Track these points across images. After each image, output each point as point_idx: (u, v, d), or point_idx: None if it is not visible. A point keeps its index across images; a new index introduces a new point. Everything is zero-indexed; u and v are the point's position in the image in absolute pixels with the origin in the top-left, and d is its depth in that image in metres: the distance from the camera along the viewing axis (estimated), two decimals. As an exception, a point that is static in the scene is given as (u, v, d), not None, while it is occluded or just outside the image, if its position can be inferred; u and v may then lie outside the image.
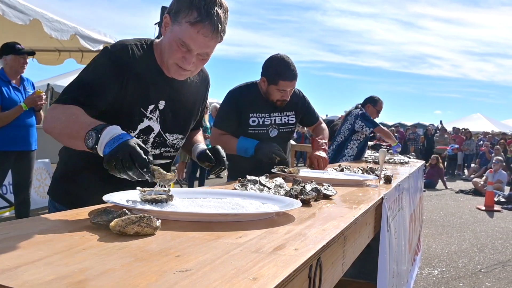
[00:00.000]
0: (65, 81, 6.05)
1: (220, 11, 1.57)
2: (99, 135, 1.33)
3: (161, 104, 1.72)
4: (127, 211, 0.99)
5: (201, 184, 9.11)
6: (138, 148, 1.28)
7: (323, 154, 2.82)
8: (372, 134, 5.64)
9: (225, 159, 1.87)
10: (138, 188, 1.24)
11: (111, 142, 1.30)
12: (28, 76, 4.67)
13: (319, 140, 2.93)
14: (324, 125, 3.21)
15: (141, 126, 1.69)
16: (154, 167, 1.29)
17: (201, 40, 1.56)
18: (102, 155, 1.32)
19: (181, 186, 9.21)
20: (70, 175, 1.81)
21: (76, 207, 1.28)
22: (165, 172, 1.30)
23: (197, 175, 9.19)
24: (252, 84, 2.91)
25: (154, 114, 1.71)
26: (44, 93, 4.51)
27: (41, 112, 4.59)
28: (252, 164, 2.60)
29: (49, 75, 12.93)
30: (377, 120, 5.45)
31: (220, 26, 1.56)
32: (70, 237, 0.91)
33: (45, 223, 1.02)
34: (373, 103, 5.45)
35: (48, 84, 12.02)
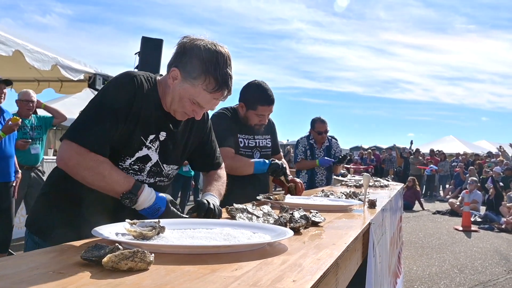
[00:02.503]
0: (43, 111, 5.98)
1: (231, 72, 1.66)
2: (137, 199, 1.58)
3: (162, 136, 1.75)
4: (119, 246, 0.96)
5: (183, 210, 8.99)
6: (176, 213, 1.64)
7: (298, 179, 2.87)
8: (349, 157, 5.63)
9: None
10: (127, 220, 1.22)
11: (151, 210, 1.60)
12: (6, 106, 4.63)
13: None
14: (283, 160, 3.26)
15: (139, 154, 1.71)
16: None
17: (217, 102, 1.69)
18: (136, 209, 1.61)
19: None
20: (54, 210, 1.76)
21: (57, 242, 1.25)
22: None
23: (177, 201, 9.07)
24: (232, 108, 2.98)
25: (154, 144, 1.73)
26: (20, 120, 4.45)
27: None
28: (237, 192, 2.59)
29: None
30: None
31: (232, 85, 1.66)
32: (62, 275, 0.88)
33: (34, 260, 0.99)
34: (311, 126, 5.32)
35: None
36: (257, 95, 2.81)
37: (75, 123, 1.64)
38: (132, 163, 1.70)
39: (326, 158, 5.17)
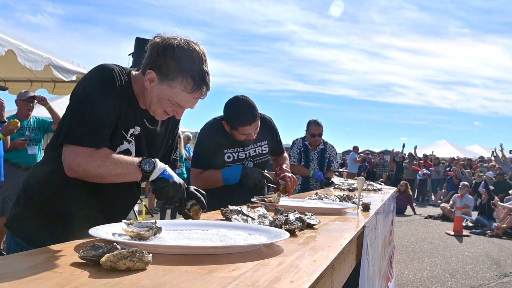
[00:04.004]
0: (36, 111, 5.95)
1: (207, 68, 1.63)
2: (155, 161, 1.61)
3: (136, 130, 1.74)
4: (117, 246, 0.97)
5: (173, 213, 9.00)
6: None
7: (288, 174, 2.88)
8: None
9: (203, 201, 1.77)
10: (124, 221, 1.22)
11: (168, 171, 1.62)
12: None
13: (283, 167, 2.97)
14: (286, 154, 3.27)
15: (121, 148, 1.70)
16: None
17: (196, 101, 1.67)
18: (149, 179, 1.61)
19: (152, 216, 9.06)
20: (37, 209, 1.73)
21: (39, 242, 1.25)
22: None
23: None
24: (221, 118, 2.87)
25: (132, 138, 1.73)
26: (19, 123, 4.49)
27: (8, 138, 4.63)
28: (231, 194, 2.60)
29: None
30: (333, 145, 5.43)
31: (209, 82, 1.64)
32: (60, 274, 0.88)
33: (30, 260, 0.99)
34: (307, 128, 5.35)
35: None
36: (237, 116, 2.72)
37: (70, 125, 1.60)
38: None
39: (320, 173, 5.19)
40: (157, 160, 1.63)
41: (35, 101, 5.52)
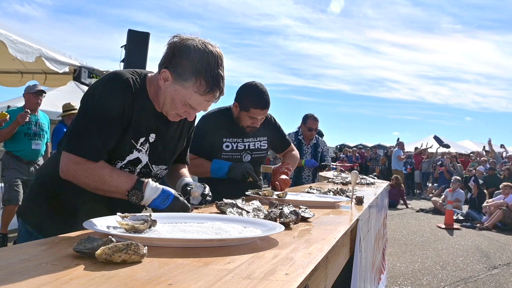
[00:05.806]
0: (48, 107, 5.93)
1: (222, 72, 1.60)
2: (143, 193, 1.59)
3: (152, 137, 1.73)
4: (112, 238, 0.96)
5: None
6: (185, 202, 1.65)
7: (284, 176, 2.85)
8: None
9: (207, 197, 1.82)
10: (118, 214, 1.22)
11: (161, 198, 1.61)
12: None
13: (282, 166, 2.95)
14: (295, 152, 3.25)
15: (130, 157, 1.69)
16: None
17: (209, 104, 1.65)
18: (145, 204, 1.63)
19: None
20: (46, 199, 1.76)
21: (49, 234, 1.25)
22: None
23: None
24: (226, 109, 2.91)
25: (144, 147, 1.72)
26: (8, 115, 4.46)
27: None
28: (226, 187, 2.59)
29: (10, 96, 12.56)
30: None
31: (224, 86, 1.61)
32: (55, 267, 0.88)
33: (25, 252, 0.98)
34: (303, 121, 5.41)
35: (9, 106, 11.73)
36: (252, 97, 2.74)
37: (70, 133, 1.62)
38: (123, 166, 1.69)
39: (312, 160, 5.21)
40: (149, 187, 1.61)
41: (44, 94, 5.52)
